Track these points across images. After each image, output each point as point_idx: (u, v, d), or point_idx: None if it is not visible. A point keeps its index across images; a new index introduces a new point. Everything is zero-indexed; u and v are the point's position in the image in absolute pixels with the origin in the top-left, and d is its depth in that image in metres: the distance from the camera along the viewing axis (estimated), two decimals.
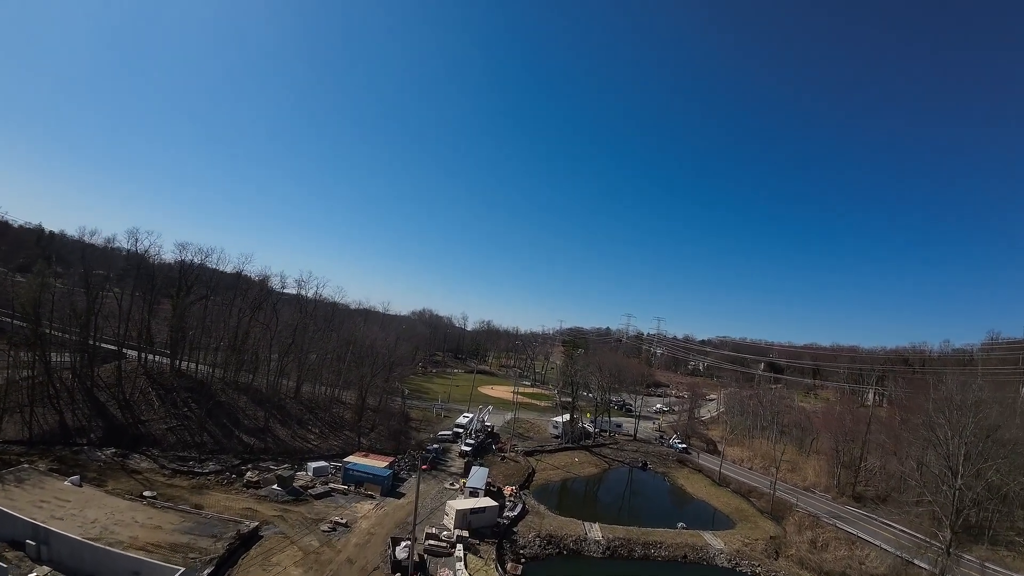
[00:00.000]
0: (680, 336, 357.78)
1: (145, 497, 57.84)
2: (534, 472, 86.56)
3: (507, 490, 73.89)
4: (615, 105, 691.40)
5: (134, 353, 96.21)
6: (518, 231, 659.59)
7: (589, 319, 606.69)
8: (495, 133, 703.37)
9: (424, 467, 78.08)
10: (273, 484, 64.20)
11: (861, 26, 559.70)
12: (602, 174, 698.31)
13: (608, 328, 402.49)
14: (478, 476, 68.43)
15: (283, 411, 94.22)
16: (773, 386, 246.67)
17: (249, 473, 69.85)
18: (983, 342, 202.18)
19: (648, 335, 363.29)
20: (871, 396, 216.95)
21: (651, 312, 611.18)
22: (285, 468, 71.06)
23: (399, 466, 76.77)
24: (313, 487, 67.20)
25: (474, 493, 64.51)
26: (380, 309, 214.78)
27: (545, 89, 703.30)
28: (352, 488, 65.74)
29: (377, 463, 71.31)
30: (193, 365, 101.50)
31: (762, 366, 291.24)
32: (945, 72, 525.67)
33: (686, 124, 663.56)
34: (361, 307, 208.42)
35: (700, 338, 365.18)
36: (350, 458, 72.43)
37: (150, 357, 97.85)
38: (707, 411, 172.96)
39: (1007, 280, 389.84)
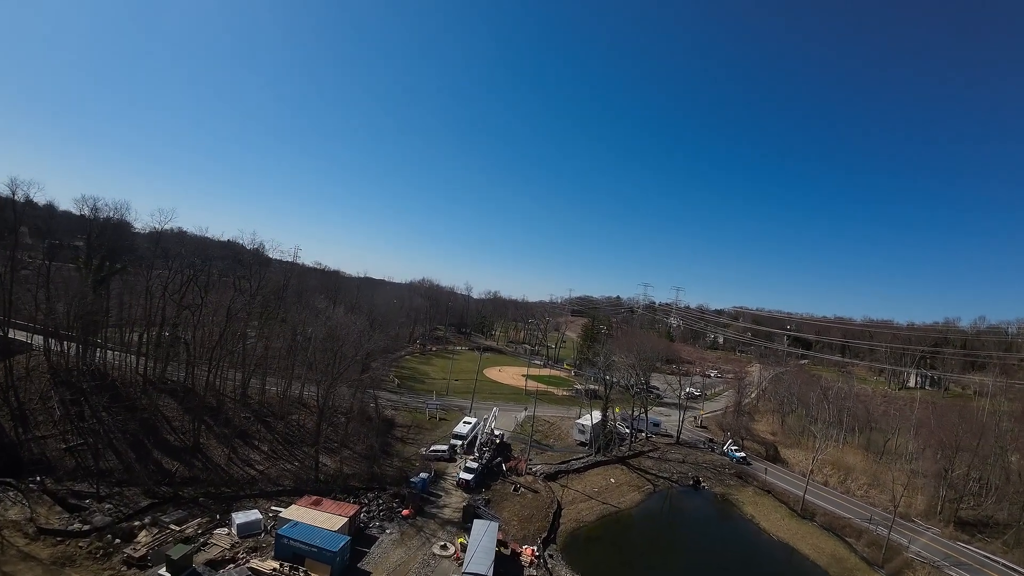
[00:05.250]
0: (694, 306, 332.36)
1: None
2: (560, 508, 63.06)
3: (526, 552, 50.50)
4: (627, 61, 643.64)
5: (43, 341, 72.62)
6: (524, 196, 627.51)
7: (598, 287, 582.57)
8: (502, 91, 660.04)
9: (405, 512, 54.74)
10: (162, 566, 40.88)
11: None
12: (612, 135, 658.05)
13: (619, 297, 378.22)
14: (483, 546, 44.40)
15: (222, 420, 70.83)
16: (802, 362, 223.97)
17: (143, 533, 47.19)
18: None
19: (661, 305, 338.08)
20: (913, 379, 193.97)
21: (660, 279, 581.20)
22: (192, 528, 47.73)
23: (368, 515, 53.20)
24: (232, 560, 44.30)
25: None
26: (352, 273, 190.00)
27: (554, 46, 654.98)
28: (286, 569, 42.24)
29: (331, 518, 47.51)
30: (110, 357, 78.08)
31: (786, 340, 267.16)
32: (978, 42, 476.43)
33: (703, 81, 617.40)
34: (328, 269, 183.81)
35: (714, 308, 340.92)
36: (290, 511, 48.55)
37: (57, 348, 74.22)
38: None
39: None
